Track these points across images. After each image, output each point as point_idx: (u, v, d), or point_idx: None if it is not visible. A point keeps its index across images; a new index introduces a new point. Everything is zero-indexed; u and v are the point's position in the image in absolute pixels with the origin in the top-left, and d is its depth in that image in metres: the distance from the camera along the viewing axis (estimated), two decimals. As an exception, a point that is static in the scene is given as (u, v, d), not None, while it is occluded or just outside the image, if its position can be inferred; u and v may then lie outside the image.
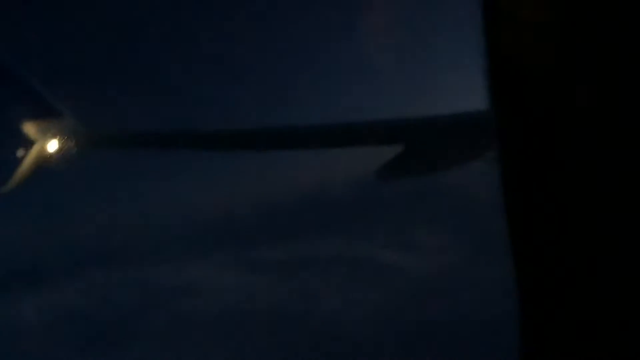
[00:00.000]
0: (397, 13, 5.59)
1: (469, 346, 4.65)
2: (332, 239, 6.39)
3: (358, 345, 5.10)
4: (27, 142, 5.26)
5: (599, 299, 1.22)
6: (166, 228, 6.30)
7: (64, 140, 5.27)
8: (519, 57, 1.28)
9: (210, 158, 5.90)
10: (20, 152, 5.29)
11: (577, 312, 1.25)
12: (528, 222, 1.30)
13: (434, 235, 6.31)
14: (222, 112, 6.19)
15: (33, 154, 5.29)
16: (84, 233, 6.03)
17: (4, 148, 5.39)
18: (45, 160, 5.30)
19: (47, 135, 5.29)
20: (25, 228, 6.18)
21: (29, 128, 5.30)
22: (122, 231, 6.00)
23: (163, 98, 5.99)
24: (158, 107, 6.07)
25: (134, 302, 5.85)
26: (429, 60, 6.21)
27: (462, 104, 5.23)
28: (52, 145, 5.31)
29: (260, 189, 6.36)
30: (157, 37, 5.99)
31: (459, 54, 5.52)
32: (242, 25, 5.80)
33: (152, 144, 5.63)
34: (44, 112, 5.34)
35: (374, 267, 6.11)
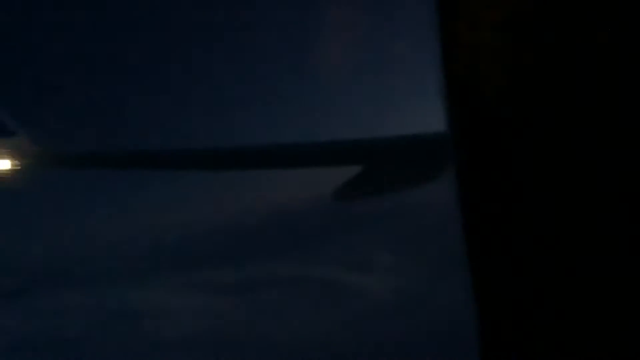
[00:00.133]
0: (355, 34, 5.61)
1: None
2: (291, 259, 6.35)
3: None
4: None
5: (557, 311, 1.22)
6: (122, 249, 6.20)
7: (16, 158, 5.18)
8: (475, 79, 1.28)
9: (167, 178, 5.83)
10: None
11: (536, 327, 1.24)
12: (485, 241, 1.30)
13: (393, 255, 6.31)
14: (178, 132, 6.14)
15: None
16: (33, 253, 5.90)
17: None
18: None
19: (-2, 154, 5.20)
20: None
21: (-20, 147, 5.20)
22: (75, 252, 5.88)
23: (116, 118, 5.92)
24: (112, 126, 5.99)
25: (86, 325, 5.72)
26: (387, 81, 6.24)
27: (420, 125, 5.26)
28: (3, 164, 5.22)
29: (218, 210, 6.30)
30: (113, 58, 5.93)
31: (417, 75, 5.56)
32: (185, 44, 5.77)
33: (107, 163, 5.56)
34: (-4, 131, 5.25)
35: (334, 287, 6.07)
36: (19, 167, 5.17)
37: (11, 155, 5.20)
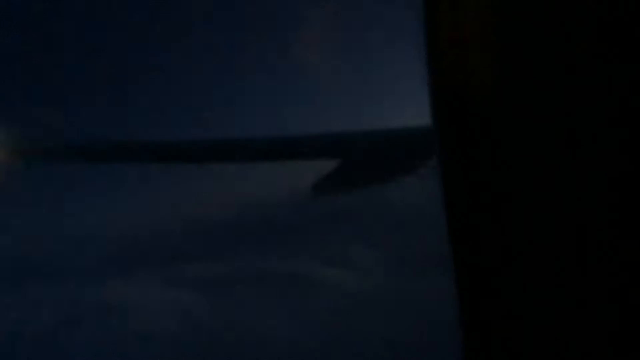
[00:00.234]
0: (336, 27, 5.58)
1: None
2: (268, 254, 6.32)
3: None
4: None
5: (542, 308, 1.20)
6: (92, 243, 6.11)
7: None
8: (460, 73, 1.26)
9: (144, 175, 5.77)
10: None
11: (520, 325, 1.23)
12: (468, 236, 1.29)
13: (371, 250, 6.29)
14: (156, 123, 6.07)
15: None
16: (1, 245, 5.78)
17: None
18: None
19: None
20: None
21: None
22: (46, 246, 5.80)
23: (93, 109, 5.85)
24: (88, 118, 5.92)
25: (53, 320, 5.63)
26: (367, 74, 6.21)
27: (401, 119, 5.26)
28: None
29: (193, 203, 6.25)
30: (92, 50, 5.87)
31: (399, 69, 5.55)
32: (159, 36, 5.72)
33: (83, 156, 5.49)
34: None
35: (311, 282, 6.05)
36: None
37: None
